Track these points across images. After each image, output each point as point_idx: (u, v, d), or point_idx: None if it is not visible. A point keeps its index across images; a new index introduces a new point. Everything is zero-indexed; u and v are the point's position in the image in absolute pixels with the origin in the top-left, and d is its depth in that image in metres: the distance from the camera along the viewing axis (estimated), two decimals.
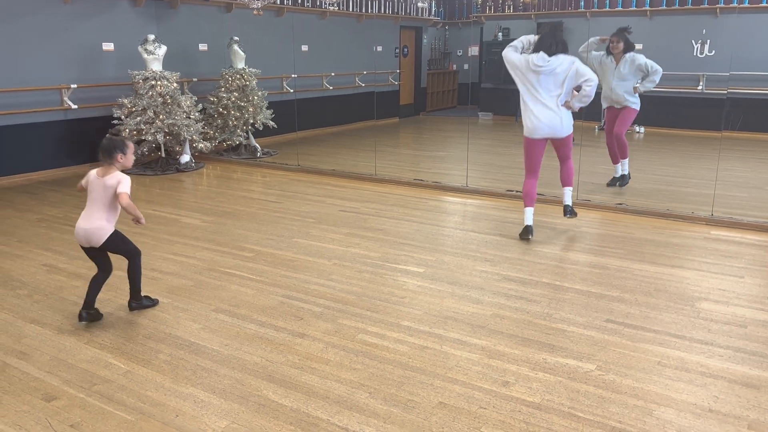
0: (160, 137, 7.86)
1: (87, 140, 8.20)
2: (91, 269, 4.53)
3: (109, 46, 8.39)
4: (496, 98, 13.92)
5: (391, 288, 4.19)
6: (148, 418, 2.70)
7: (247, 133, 9.41)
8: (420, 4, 13.79)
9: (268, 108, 9.45)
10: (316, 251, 4.94)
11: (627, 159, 7.10)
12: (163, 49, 8.19)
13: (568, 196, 5.48)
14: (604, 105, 7.05)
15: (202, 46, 9.73)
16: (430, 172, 8.24)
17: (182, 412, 2.75)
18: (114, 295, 4.06)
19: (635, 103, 6.82)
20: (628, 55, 6.66)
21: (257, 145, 9.52)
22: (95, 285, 3.66)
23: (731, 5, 11.14)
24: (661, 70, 6.59)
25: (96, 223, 3.56)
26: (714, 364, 3.15)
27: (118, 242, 3.65)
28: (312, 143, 10.50)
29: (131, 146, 3.68)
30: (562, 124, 5.19)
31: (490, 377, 3.03)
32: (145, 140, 8.00)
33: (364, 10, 12.62)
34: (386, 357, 3.23)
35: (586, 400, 2.84)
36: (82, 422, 2.68)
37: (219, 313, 3.79)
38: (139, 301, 3.79)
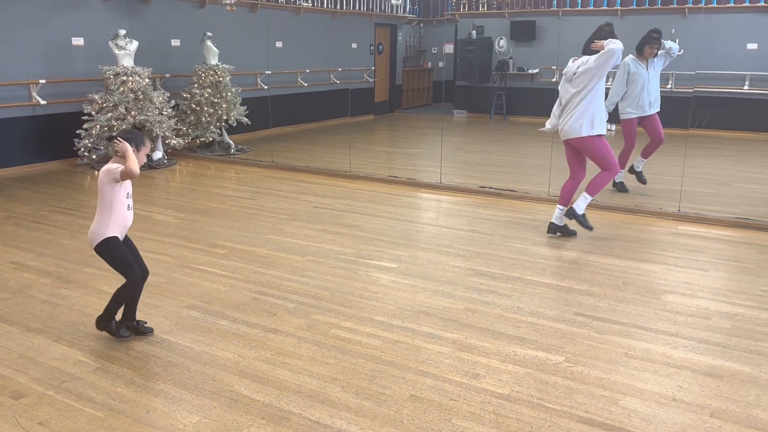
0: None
1: (56, 136, 8.08)
2: (59, 267, 4.49)
3: (79, 41, 8.26)
4: (471, 96, 14.02)
5: (364, 283, 4.21)
6: (118, 415, 2.69)
7: (220, 129, 9.34)
8: (393, 1, 13.83)
9: (241, 104, 9.40)
10: (289, 247, 4.94)
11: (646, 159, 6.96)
12: (135, 44, 8.10)
13: (580, 200, 5.19)
14: (635, 114, 6.64)
15: (175, 42, 9.63)
16: (404, 168, 8.28)
17: (153, 408, 2.74)
18: (84, 292, 4.02)
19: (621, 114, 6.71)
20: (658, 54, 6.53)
21: (231, 141, 9.46)
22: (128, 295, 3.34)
23: (699, 5, 11.38)
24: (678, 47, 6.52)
25: (93, 225, 3.22)
26: (678, 355, 3.24)
27: (109, 253, 3.22)
28: (286, 140, 10.47)
29: (148, 146, 3.27)
30: (582, 125, 5.02)
31: (460, 370, 3.07)
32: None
33: (338, 7, 12.61)
34: (359, 351, 3.25)
35: (555, 391, 2.89)
36: (50, 419, 2.65)
37: (191, 309, 3.77)
38: (107, 322, 3.33)
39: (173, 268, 4.46)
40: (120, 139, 3.11)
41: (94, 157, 8.00)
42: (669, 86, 11.59)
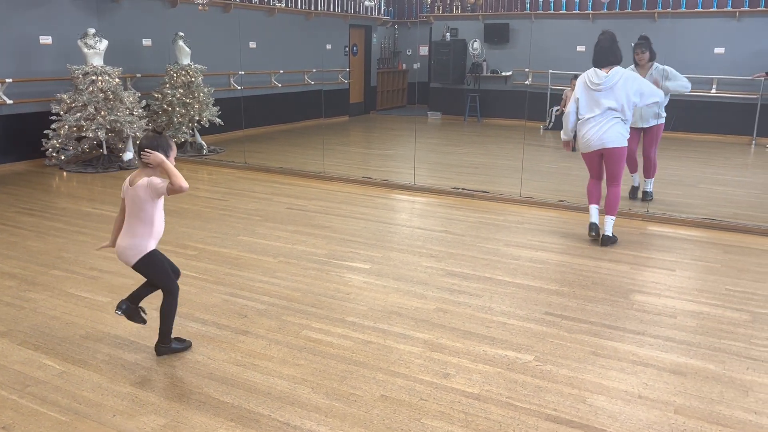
0: (101, 134, 7.65)
1: (23, 137, 7.93)
2: (25, 269, 4.40)
3: (46, 39, 8.12)
4: (445, 98, 14.09)
5: (336, 284, 4.20)
6: (84, 419, 2.65)
7: (192, 130, 9.25)
8: (367, 3, 13.85)
9: (214, 105, 9.32)
10: (261, 249, 4.91)
11: (653, 179, 6.64)
12: (105, 43, 7.98)
13: (607, 224, 5.14)
14: (636, 126, 6.21)
15: (146, 42, 9.51)
16: (378, 170, 8.28)
17: (120, 412, 2.70)
18: (50, 294, 3.94)
19: (663, 117, 6.40)
20: (655, 65, 6.28)
21: (203, 142, 9.38)
22: (144, 291, 3.25)
23: (668, 10, 11.60)
24: (689, 84, 6.28)
25: (129, 240, 3.07)
26: (644, 353, 3.29)
27: (148, 267, 3.11)
28: (260, 141, 10.41)
29: (175, 148, 3.12)
30: (612, 136, 5.00)
31: (431, 370, 3.08)
32: (85, 137, 7.79)
33: (313, 8, 12.58)
34: (330, 352, 3.25)
35: (524, 389, 2.92)
36: (13, 424, 2.60)
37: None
38: (167, 344, 3.20)
39: None
40: (149, 150, 2.94)
41: (63, 157, 7.86)
42: None
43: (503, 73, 13.31)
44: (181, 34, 9.09)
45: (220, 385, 2.92)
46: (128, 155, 8.15)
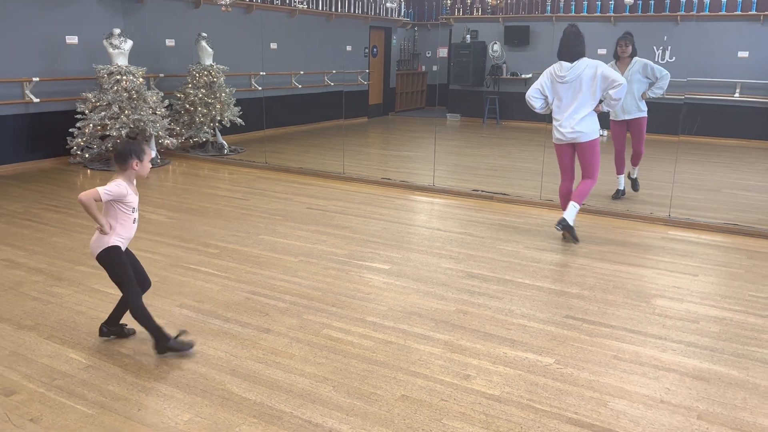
0: (125, 133, 7.75)
1: (49, 135, 8.06)
2: (51, 264, 4.49)
3: (73, 39, 8.25)
4: (464, 100, 14.08)
5: (356, 284, 4.22)
6: (109, 412, 2.69)
7: (214, 130, 9.34)
8: (389, 5, 13.87)
9: (235, 105, 9.40)
10: (282, 248, 4.95)
11: (638, 167, 6.95)
12: (129, 43, 8.09)
13: (570, 211, 5.17)
14: (615, 118, 6.68)
15: (169, 42, 9.62)
16: (397, 171, 8.30)
17: (144, 406, 2.74)
18: (76, 290, 4.01)
19: (644, 111, 6.61)
20: (635, 59, 6.51)
21: (224, 142, 9.46)
22: (122, 303, 3.29)
23: (691, 13, 11.48)
24: (668, 74, 6.46)
25: (95, 234, 3.15)
26: (667, 358, 3.27)
27: (108, 263, 3.13)
28: (280, 141, 10.48)
29: (149, 153, 3.22)
30: (585, 130, 5.08)
31: (451, 371, 3.09)
32: (109, 136, 7.89)
33: (333, 9, 12.63)
34: (350, 351, 3.27)
35: (544, 392, 2.92)
36: (41, 416, 2.65)
37: (183, 308, 3.78)
38: (165, 342, 3.17)
39: (166, 267, 4.46)
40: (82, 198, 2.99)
41: (87, 155, 7.97)
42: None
43: (523, 76, 13.27)
44: (204, 34, 9.18)
45: (243, 381, 2.96)
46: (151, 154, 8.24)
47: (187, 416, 2.67)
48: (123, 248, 3.19)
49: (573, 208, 5.19)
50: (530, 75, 13.18)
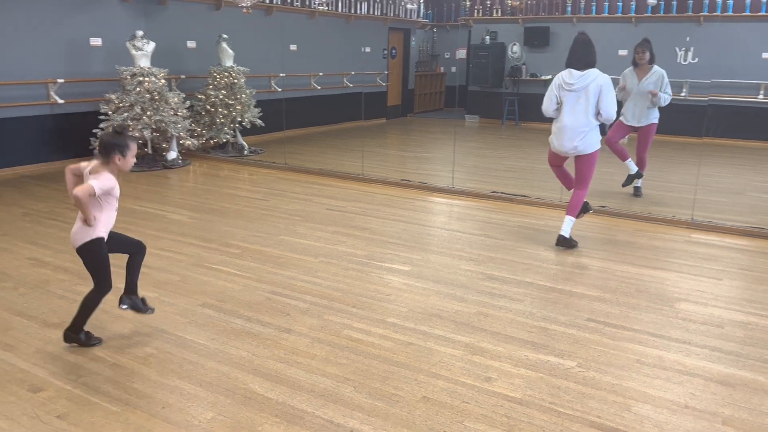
0: (147, 134, 7.85)
1: (73, 135, 8.17)
2: (75, 263, 4.54)
3: (96, 42, 8.36)
4: (483, 101, 14.03)
5: (376, 285, 4.23)
6: (134, 410, 2.73)
7: (234, 131, 9.41)
8: (409, 6, 13.87)
9: (255, 106, 9.46)
10: (302, 249, 4.97)
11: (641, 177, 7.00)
12: (152, 45, 8.18)
13: (565, 225, 5.10)
14: (625, 122, 6.74)
15: (191, 44, 9.72)
16: (416, 172, 8.30)
17: (168, 404, 2.78)
18: None
19: (655, 118, 6.63)
20: (655, 68, 6.50)
21: (244, 143, 9.53)
22: (131, 268, 3.36)
23: (715, 13, 11.34)
24: (670, 97, 6.50)
25: (77, 225, 3.19)
26: (691, 363, 3.23)
27: (91, 254, 3.18)
28: (299, 142, 10.52)
29: (134, 148, 3.23)
30: (587, 144, 5.00)
31: (473, 373, 3.09)
32: (131, 136, 7.97)
33: (353, 11, 12.67)
34: (371, 352, 3.28)
35: (567, 395, 2.90)
36: (68, 413, 2.69)
37: (206, 308, 3.81)
38: (76, 334, 3.24)
39: (188, 267, 4.50)
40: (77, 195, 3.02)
41: None
42: (683, 94, 11.56)
43: (543, 77, 13.19)
44: (225, 36, 9.26)
45: (265, 381, 2.98)
46: (172, 155, 8.33)
47: (210, 414, 2.70)
48: (105, 238, 3.23)
49: (569, 221, 5.11)
50: (549, 76, 13.08)
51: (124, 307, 3.42)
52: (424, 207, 6.60)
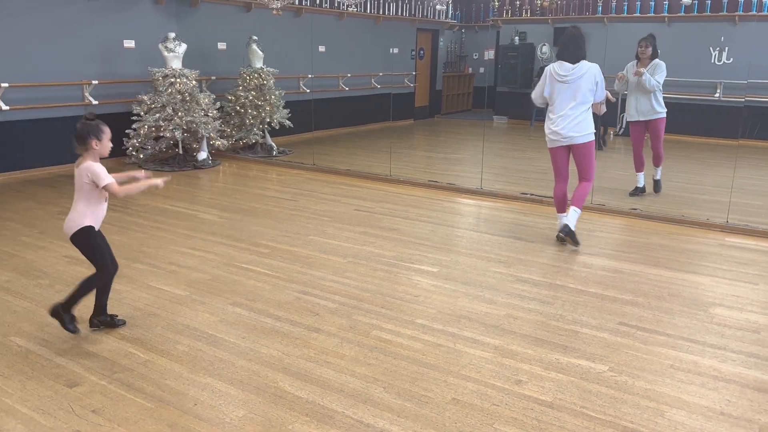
0: (178, 134, 7.96)
1: None
2: (121, 265, 4.63)
3: (130, 44, 8.51)
4: (512, 102, 13.94)
5: (405, 286, 4.23)
6: (167, 406, 2.77)
7: (263, 131, 9.50)
8: (438, 7, 13.84)
9: (284, 107, 9.54)
10: (331, 249, 4.99)
11: (660, 167, 7.05)
12: (183, 47, 8.30)
13: (571, 216, 5.13)
14: (630, 119, 6.85)
15: (221, 45, 9.84)
16: (444, 173, 8.28)
17: (200, 401, 2.81)
18: (133, 286, 4.14)
19: (662, 111, 6.70)
20: (655, 61, 6.60)
21: (273, 143, 9.61)
22: (99, 287, 3.43)
23: (750, 13, 11.09)
24: (658, 84, 6.59)
25: (70, 214, 3.35)
26: (726, 369, 3.17)
27: (87, 241, 3.32)
28: (327, 143, 10.58)
29: (108, 132, 3.38)
30: (581, 131, 5.06)
31: (503, 375, 3.07)
32: (163, 137, 8.12)
33: (381, 12, 12.69)
34: (400, 353, 3.28)
35: (598, 400, 2.87)
36: (103, 408, 2.74)
37: (236, 306, 3.85)
38: (63, 312, 3.33)
39: (219, 266, 4.55)
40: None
41: (141, 156, 8.21)
42: (717, 95, 11.34)
43: None
44: (255, 37, 9.35)
45: (294, 380, 3.00)
46: (202, 155, 8.44)
47: (242, 412, 2.73)
48: (97, 228, 3.39)
49: (574, 212, 5.14)
50: None
51: (95, 329, 3.48)
52: (452, 208, 6.58)
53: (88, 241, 3.35)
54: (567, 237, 5.13)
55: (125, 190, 3.37)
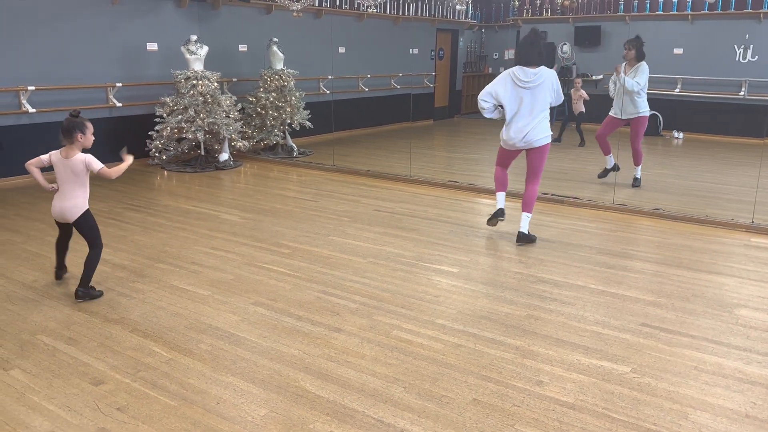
0: (200, 135, 8.04)
1: (130, 137, 8.43)
2: (133, 261, 4.70)
3: (153, 46, 8.62)
4: None
5: (425, 287, 4.23)
6: (191, 405, 2.80)
7: (284, 132, 9.56)
8: (458, 7, 13.80)
9: (305, 108, 9.59)
10: (351, 249, 5.01)
11: (640, 166, 7.35)
12: (205, 49, 8.38)
13: (524, 222, 5.24)
14: (614, 115, 7.29)
15: (242, 47, 9.92)
16: (464, 174, 8.26)
17: (223, 400, 2.84)
18: (156, 286, 4.19)
19: (644, 110, 7.04)
20: (642, 63, 6.93)
21: (294, 144, 9.66)
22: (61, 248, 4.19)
23: None
24: (637, 84, 6.88)
25: (71, 201, 3.90)
26: (752, 371, 3.12)
27: (88, 222, 3.95)
28: (347, 144, 10.61)
29: (90, 126, 3.93)
30: (540, 135, 5.14)
31: (524, 376, 3.06)
32: (185, 138, 8.20)
33: (401, 13, 12.70)
34: (421, 353, 3.28)
35: (621, 401, 2.84)
36: (128, 406, 2.79)
37: (257, 306, 3.89)
38: (86, 289, 3.93)
39: (240, 266, 4.59)
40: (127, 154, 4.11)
41: (164, 157, 8.31)
42: (742, 93, 11.17)
43: (593, 77, 12.94)
44: (275, 39, 9.41)
45: (315, 379, 3.02)
46: (224, 156, 8.52)
47: (263, 411, 2.75)
48: None
49: (526, 218, 5.26)
50: (601, 76, 12.85)
51: (80, 300, 3.93)
52: (472, 208, 6.56)
53: (88, 222, 3.96)
54: (524, 243, 5.19)
55: (116, 171, 3.99)
